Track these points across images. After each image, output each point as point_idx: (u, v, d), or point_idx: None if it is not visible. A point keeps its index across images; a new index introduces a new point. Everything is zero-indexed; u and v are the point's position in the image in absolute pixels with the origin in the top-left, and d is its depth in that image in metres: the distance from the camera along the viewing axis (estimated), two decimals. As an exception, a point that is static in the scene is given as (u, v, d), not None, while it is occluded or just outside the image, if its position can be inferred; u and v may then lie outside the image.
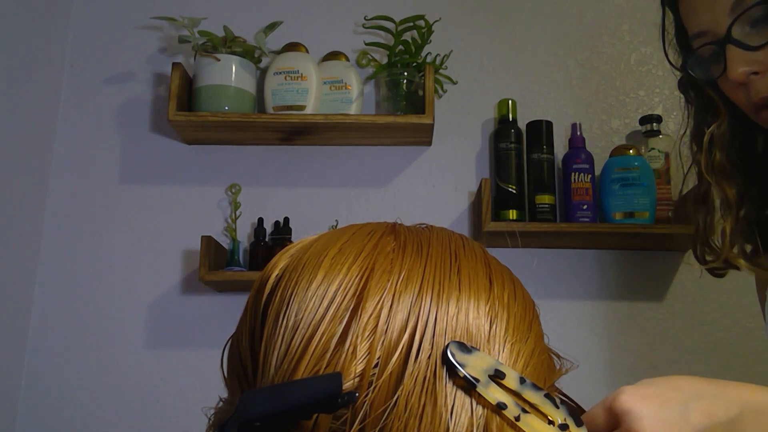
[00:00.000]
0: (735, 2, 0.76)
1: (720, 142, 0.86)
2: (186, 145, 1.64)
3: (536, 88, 1.66)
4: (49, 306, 1.55)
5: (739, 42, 0.76)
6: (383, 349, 0.40)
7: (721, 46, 0.77)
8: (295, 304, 0.42)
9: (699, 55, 0.82)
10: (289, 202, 1.60)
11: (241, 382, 0.44)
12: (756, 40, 0.75)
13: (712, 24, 0.79)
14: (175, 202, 1.60)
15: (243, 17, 1.67)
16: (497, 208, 1.51)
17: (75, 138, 1.64)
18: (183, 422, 1.46)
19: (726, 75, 0.78)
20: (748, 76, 0.77)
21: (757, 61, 0.76)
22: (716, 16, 0.78)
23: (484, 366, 0.40)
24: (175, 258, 1.58)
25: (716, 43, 0.78)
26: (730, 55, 0.77)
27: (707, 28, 0.80)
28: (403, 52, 1.60)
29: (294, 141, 1.61)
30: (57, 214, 1.60)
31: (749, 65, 0.76)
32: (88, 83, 1.67)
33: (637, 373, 1.52)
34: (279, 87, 1.55)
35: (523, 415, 0.41)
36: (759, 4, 0.74)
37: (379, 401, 0.39)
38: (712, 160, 0.86)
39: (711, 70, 0.82)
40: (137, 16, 1.69)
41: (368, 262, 0.43)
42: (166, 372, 1.52)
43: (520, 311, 0.44)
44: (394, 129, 1.53)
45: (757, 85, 0.77)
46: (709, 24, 0.79)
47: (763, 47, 0.75)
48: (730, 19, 0.76)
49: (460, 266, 0.44)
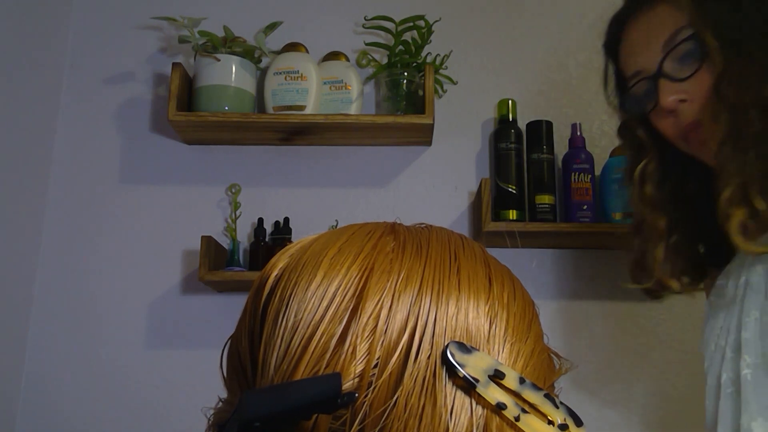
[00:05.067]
0: (666, 41, 0.88)
1: (651, 178, 0.96)
2: (186, 145, 1.64)
3: (536, 88, 1.66)
4: (49, 306, 1.55)
5: (669, 75, 0.88)
6: (383, 349, 0.40)
7: (655, 80, 0.89)
8: (295, 304, 0.42)
9: (634, 93, 0.94)
10: (289, 202, 1.60)
11: (241, 383, 0.44)
12: (684, 72, 0.87)
13: (647, 63, 0.91)
14: (175, 202, 1.60)
15: (243, 17, 1.67)
16: (497, 208, 1.51)
17: (75, 138, 1.64)
18: (183, 422, 1.46)
19: (658, 105, 0.89)
20: (677, 103, 0.87)
21: (685, 90, 0.87)
22: (650, 55, 0.90)
23: (483, 366, 0.40)
24: (175, 258, 1.58)
25: (650, 77, 0.90)
26: (662, 87, 0.88)
27: (642, 67, 0.92)
28: (403, 52, 1.60)
29: (294, 141, 1.61)
30: (57, 214, 1.60)
31: (678, 94, 0.87)
32: (88, 83, 1.67)
33: (637, 373, 1.52)
34: (279, 87, 1.55)
35: (523, 415, 0.41)
36: (686, 41, 0.86)
37: (379, 401, 0.39)
38: (643, 194, 0.96)
39: (645, 104, 0.93)
40: (137, 16, 1.69)
41: (368, 262, 0.43)
42: (166, 372, 1.52)
43: (519, 311, 0.44)
44: (394, 129, 1.53)
45: (685, 111, 0.87)
46: (645, 63, 0.91)
47: (690, 78, 0.86)
48: (661, 56, 0.88)
49: (460, 266, 0.44)
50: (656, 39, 0.90)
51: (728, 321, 0.88)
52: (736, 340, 0.86)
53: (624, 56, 0.97)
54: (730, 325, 0.88)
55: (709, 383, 0.89)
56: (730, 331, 0.88)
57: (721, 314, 0.90)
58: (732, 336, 0.87)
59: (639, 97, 0.94)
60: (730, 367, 0.85)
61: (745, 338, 0.84)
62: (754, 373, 0.83)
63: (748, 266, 0.87)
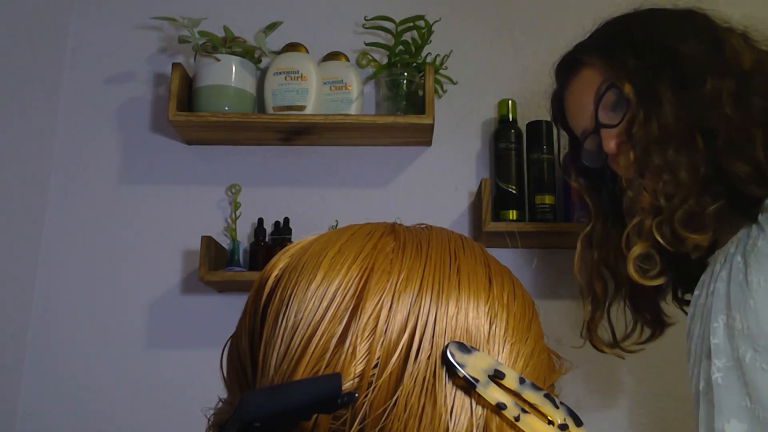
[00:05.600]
0: (594, 97, 0.98)
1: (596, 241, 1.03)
2: (186, 145, 1.64)
3: (536, 88, 1.65)
4: (49, 306, 1.55)
5: (605, 124, 0.97)
6: (383, 349, 0.40)
7: (597, 132, 0.98)
8: (295, 304, 0.42)
9: (587, 150, 1.03)
10: (289, 202, 1.60)
11: (241, 383, 0.44)
12: (616, 119, 0.96)
13: (586, 121, 1.00)
14: (175, 202, 1.60)
15: (243, 17, 1.67)
16: (497, 208, 1.51)
17: (75, 138, 1.64)
18: (183, 422, 1.46)
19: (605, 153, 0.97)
20: (618, 146, 0.95)
21: (620, 133, 0.95)
22: (587, 114, 0.99)
23: (483, 366, 0.40)
24: (175, 258, 1.58)
25: (593, 131, 0.98)
26: (603, 136, 0.97)
27: (585, 127, 1.01)
28: (403, 52, 1.60)
29: (294, 141, 1.61)
30: (57, 214, 1.60)
31: (616, 137, 0.95)
32: (88, 83, 1.66)
33: (636, 373, 1.52)
34: (279, 87, 1.55)
35: (523, 415, 0.41)
36: (608, 90, 0.96)
37: (379, 401, 0.39)
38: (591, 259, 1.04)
39: (600, 156, 1.00)
40: (137, 16, 1.69)
41: (368, 262, 0.43)
42: (166, 372, 1.52)
43: (519, 311, 0.44)
44: (394, 129, 1.53)
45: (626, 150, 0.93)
46: (585, 122, 1.01)
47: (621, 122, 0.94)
48: (593, 111, 0.98)
49: (460, 266, 0.44)
50: (587, 98, 1.00)
51: (703, 329, 0.91)
52: (707, 347, 0.88)
53: (570, 123, 1.07)
54: (703, 333, 0.91)
55: (693, 393, 0.92)
56: (703, 339, 0.91)
57: (697, 324, 0.93)
58: (705, 344, 0.90)
59: (592, 152, 1.02)
60: (705, 374, 0.88)
61: (715, 344, 0.87)
62: (724, 376, 0.85)
63: (716, 274, 0.91)
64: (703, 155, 0.87)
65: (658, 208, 0.89)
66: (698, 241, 0.88)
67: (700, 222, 0.87)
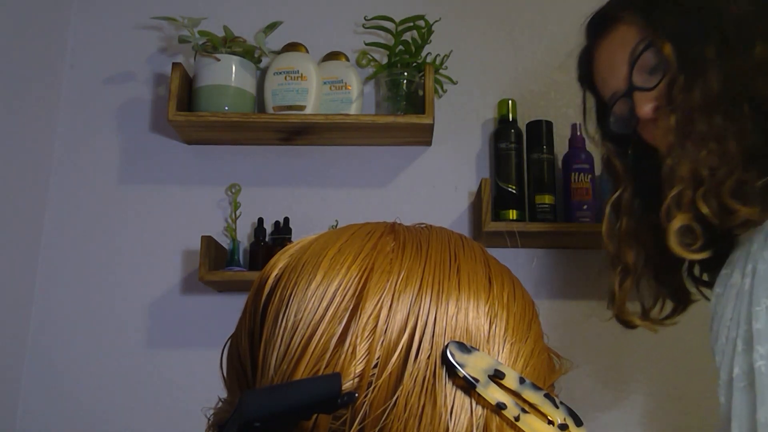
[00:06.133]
0: (629, 57, 0.91)
1: (625, 209, 0.97)
2: (186, 145, 1.64)
3: (536, 88, 1.66)
4: (49, 306, 1.55)
5: (640, 87, 0.90)
6: (383, 349, 0.40)
7: (629, 95, 0.91)
8: (295, 304, 0.42)
9: (616, 115, 0.96)
10: (289, 202, 1.60)
11: (241, 383, 0.44)
12: (652, 81, 0.89)
13: (620, 83, 0.93)
14: (175, 202, 1.60)
15: (243, 17, 1.67)
16: (497, 208, 1.51)
17: (75, 138, 1.64)
18: (183, 422, 1.46)
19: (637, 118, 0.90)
20: (654, 111, 0.89)
21: (657, 97, 0.88)
22: (619, 75, 0.92)
23: (483, 366, 0.40)
24: (175, 258, 1.58)
25: (625, 94, 0.92)
26: (636, 99, 0.90)
27: (616, 89, 0.94)
28: (403, 52, 1.60)
29: (294, 141, 1.61)
30: (57, 214, 1.60)
31: (652, 101, 0.89)
32: (88, 83, 1.67)
33: (637, 373, 1.52)
34: (279, 87, 1.55)
35: (523, 415, 0.41)
36: (645, 50, 0.89)
37: (379, 401, 0.39)
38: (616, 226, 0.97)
39: (630, 122, 0.94)
40: (137, 16, 1.69)
41: (367, 262, 0.43)
42: (166, 372, 1.52)
43: (519, 311, 0.44)
44: (394, 129, 1.53)
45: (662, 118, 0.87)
46: (617, 84, 0.93)
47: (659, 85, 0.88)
48: (628, 72, 0.91)
49: (460, 266, 0.44)
50: (621, 58, 0.93)
51: (737, 312, 0.86)
52: (747, 331, 0.83)
53: (599, 85, 1.00)
54: (740, 316, 0.85)
55: (722, 378, 0.86)
56: (740, 323, 0.85)
57: (729, 305, 0.88)
58: (742, 327, 0.84)
59: (622, 117, 0.96)
60: (743, 360, 0.83)
61: (757, 329, 0.82)
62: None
63: (755, 253, 0.85)
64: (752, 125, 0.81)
65: (700, 179, 0.82)
66: (749, 215, 0.81)
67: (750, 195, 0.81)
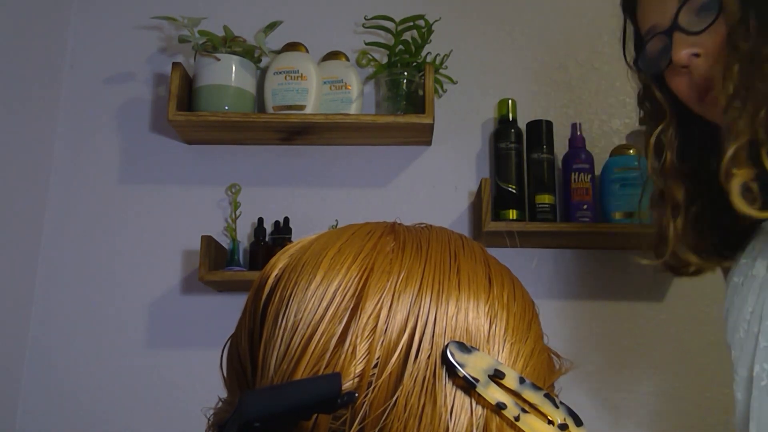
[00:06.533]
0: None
1: (669, 144, 0.90)
2: (186, 145, 1.64)
3: (536, 88, 1.66)
4: (49, 306, 1.55)
5: (683, 28, 0.82)
6: (383, 349, 0.40)
7: (669, 34, 0.83)
8: (295, 304, 0.42)
9: (649, 51, 0.88)
10: (289, 202, 1.60)
11: (241, 383, 0.44)
12: (699, 25, 0.81)
13: (663, 17, 0.84)
14: (175, 202, 1.60)
15: (243, 17, 1.67)
16: (497, 208, 1.51)
17: (75, 138, 1.64)
18: (183, 422, 1.46)
19: (672, 62, 0.83)
20: (689, 58, 0.82)
21: (699, 44, 0.81)
22: (665, 9, 0.84)
23: (483, 366, 0.40)
24: (175, 258, 1.58)
25: (665, 32, 0.84)
26: (676, 41, 0.82)
27: (658, 22, 0.85)
28: (403, 52, 1.60)
29: (294, 141, 1.61)
30: (57, 214, 1.60)
31: (692, 47, 0.81)
32: (88, 83, 1.67)
33: (637, 373, 1.52)
34: (279, 87, 1.55)
35: (523, 415, 0.41)
36: None
37: (379, 401, 0.39)
38: (663, 163, 0.90)
39: (660, 62, 0.87)
40: (137, 16, 1.69)
41: (367, 262, 0.43)
42: (166, 372, 1.52)
43: (519, 311, 0.44)
44: (394, 129, 1.53)
45: (699, 67, 0.82)
46: (660, 17, 0.85)
47: (706, 30, 0.80)
48: (675, 10, 0.82)
49: (460, 266, 0.44)
50: None
51: (760, 305, 0.81)
52: None
53: (640, 12, 0.90)
54: (763, 310, 0.80)
55: (740, 374, 0.82)
56: (762, 316, 0.79)
57: (750, 297, 0.82)
58: (765, 323, 0.79)
59: (654, 54, 0.88)
60: (765, 358, 0.78)
61: None
62: None
63: None
64: None
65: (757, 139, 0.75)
66: None
67: None
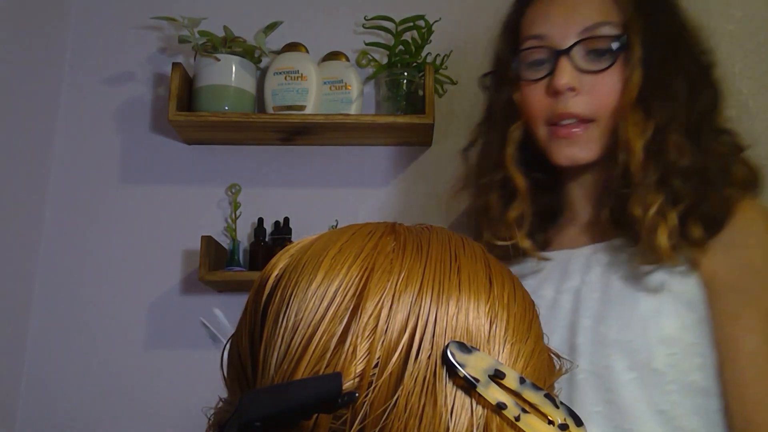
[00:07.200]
0: (586, 28, 0.88)
1: (515, 140, 0.96)
2: (186, 145, 1.64)
3: (536, 88, 1.66)
4: (49, 306, 1.55)
5: (574, 60, 0.88)
6: (383, 349, 0.40)
7: (557, 55, 0.89)
8: (295, 304, 0.42)
9: (524, 55, 0.93)
10: (289, 202, 1.60)
11: (241, 383, 0.44)
12: (588, 66, 0.88)
13: (558, 36, 0.90)
14: (175, 202, 1.60)
15: (243, 17, 1.66)
16: (497, 208, 1.51)
17: (75, 138, 1.64)
18: (183, 422, 1.46)
19: (551, 80, 0.89)
20: (566, 89, 0.88)
21: (581, 82, 0.88)
22: (565, 31, 0.89)
23: (484, 366, 0.40)
24: (175, 258, 1.58)
25: (555, 51, 0.89)
26: (561, 66, 0.88)
27: (548, 36, 0.91)
28: (403, 52, 1.60)
29: (294, 141, 1.61)
30: (57, 214, 1.60)
31: (573, 81, 0.88)
32: (88, 83, 1.66)
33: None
34: (279, 87, 1.55)
35: (523, 415, 0.41)
36: (604, 37, 0.88)
37: (379, 401, 0.39)
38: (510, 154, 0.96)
39: (529, 70, 0.92)
40: (137, 16, 1.69)
41: (368, 262, 0.43)
42: (166, 372, 1.52)
43: (519, 311, 0.44)
44: (394, 129, 1.53)
45: (568, 101, 0.88)
46: (555, 34, 0.90)
47: (590, 73, 0.88)
48: (576, 38, 0.88)
49: (460, 266, 0.44)
50: (579, 17, 0.90)
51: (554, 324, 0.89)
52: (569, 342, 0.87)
53: (533, 15, 0.95)
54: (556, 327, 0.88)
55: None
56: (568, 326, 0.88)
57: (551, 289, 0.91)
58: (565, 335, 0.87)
59: (528, 60, 0.93)
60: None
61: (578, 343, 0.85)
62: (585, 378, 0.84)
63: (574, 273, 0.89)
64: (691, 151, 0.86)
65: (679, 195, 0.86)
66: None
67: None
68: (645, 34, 0.88)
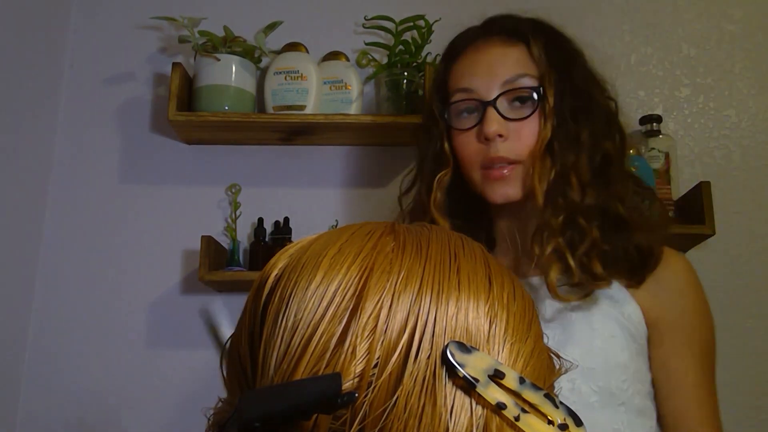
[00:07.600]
0: (507, 80, 0.99)
1: (442, 186, 1.04)
2: (186, 145, 1.64)
3: (536, 88, 1.66)
4: (49, 305, 1.55)
5: (499, 109, 0.98)
6: (383, 349, 0.40)
7: (485, 106, 0.98)
8: (295, 304, 0.42)
9: (455, 106, 1.02)
10: (289, 202, 1.60)
11: (241, 383, 0.44)
12: (512, 114, 0.98)
13: (483, 88, 1.00)
14: (175, 202, 1.60)
15: (243, 17, 1.66)
16: (497, 208, 1.51)
17: (75, 138, 1.64)
18: (183, 422, 1.46)
19: (480, 128, 0.98)
20: (495, 135, 0.97)
21: (507, 129, 0.97)
22: (490, 84, 0.99)
23: (483, 366, 0.40)
24: (175, 258, 1.58)
25: (483, 103, 0.99)
26: (489, 116, 0.98)
27: (475, 89, 1.00)
28: (403, 52, 1.60)
29: (294, 141, 1.61)
30: (57, 214, 1.60)
31: (501, 128, 0.97)
32: (88, 83, 1.66)
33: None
34: (279, 87, 1.55)
35: (523, 415, 0.41)
36: (523, 88, 0.98)
37: (379, 401, 0.39)
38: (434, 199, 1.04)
39: (459, 120, 1.02)
40: (137, 16, 1.69)
41: (367, 262, 0.43)
42: (166, 372, 1.52)
43: (519, 311, 0.44)
44: (395, 129, 1.53)
45: (498, 146, 0.97)
46: (481, 87, 1.00)
47: (514, 121, 0.97)
48: (500, 90, 0.98)
49: (460, 266, 0.44)
50: (501, 71, 1.00)
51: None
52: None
53: (460, 71, 1.04)
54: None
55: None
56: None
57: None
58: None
59: (458, 110, 1.02)
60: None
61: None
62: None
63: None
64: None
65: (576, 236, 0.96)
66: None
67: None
68: (557, 86, 0.98)
